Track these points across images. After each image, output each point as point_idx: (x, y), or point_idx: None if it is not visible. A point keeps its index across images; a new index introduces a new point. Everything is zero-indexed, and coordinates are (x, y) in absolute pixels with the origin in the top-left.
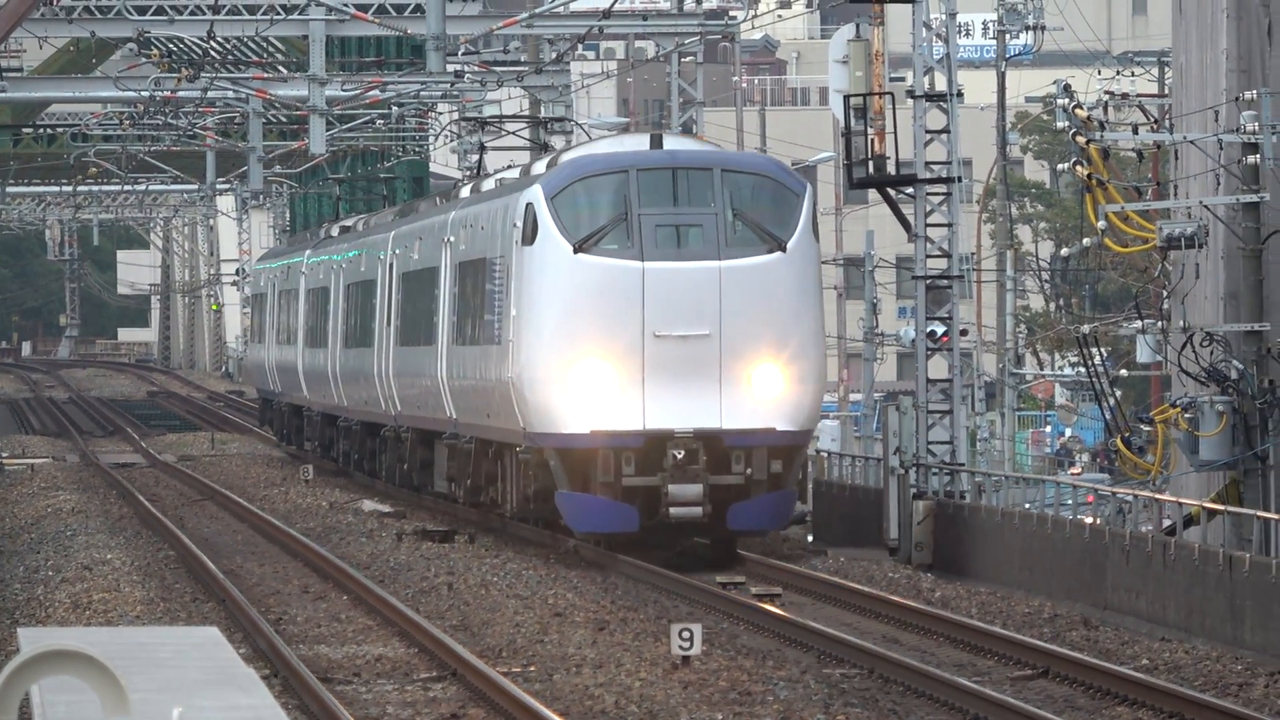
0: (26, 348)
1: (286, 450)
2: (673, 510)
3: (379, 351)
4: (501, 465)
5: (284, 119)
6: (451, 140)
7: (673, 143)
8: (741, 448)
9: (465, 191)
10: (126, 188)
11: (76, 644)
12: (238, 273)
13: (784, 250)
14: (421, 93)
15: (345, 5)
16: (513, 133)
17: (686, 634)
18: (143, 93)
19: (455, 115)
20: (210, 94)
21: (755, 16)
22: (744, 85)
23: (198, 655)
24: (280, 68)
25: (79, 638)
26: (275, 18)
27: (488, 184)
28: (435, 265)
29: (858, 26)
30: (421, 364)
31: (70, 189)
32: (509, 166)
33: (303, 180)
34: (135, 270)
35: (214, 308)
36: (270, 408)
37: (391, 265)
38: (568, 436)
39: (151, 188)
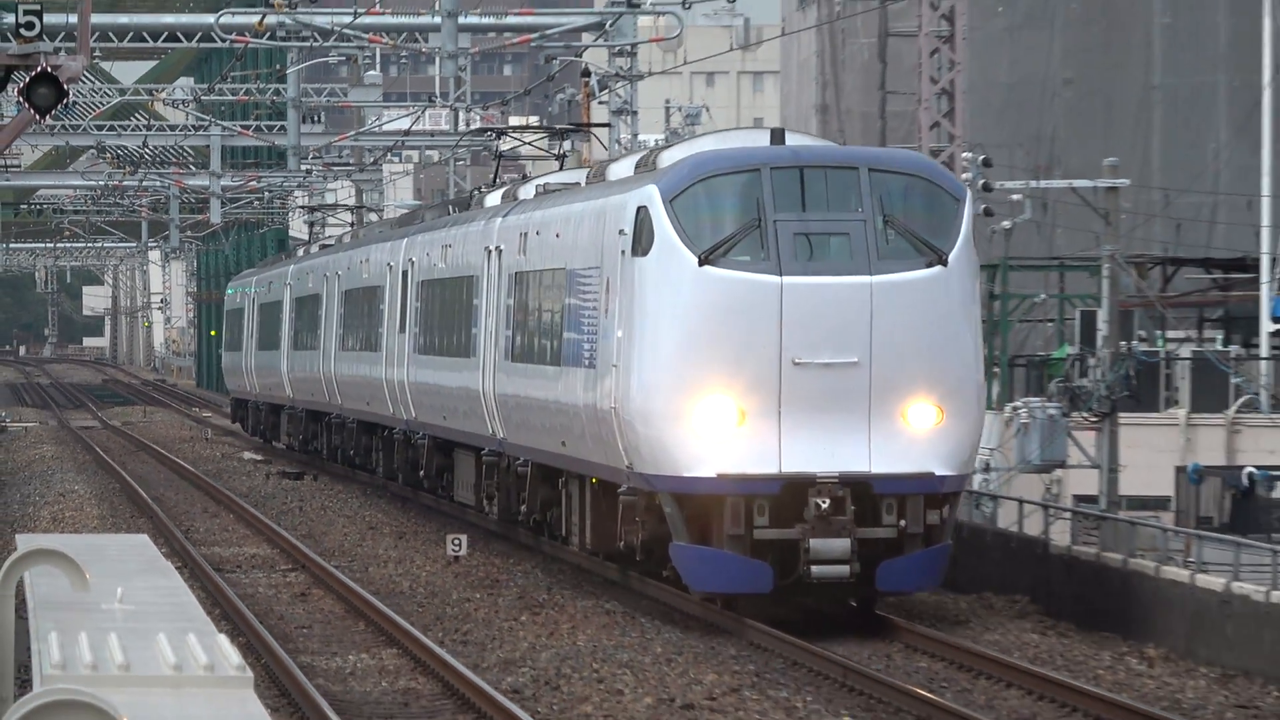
0: (22, 350)
1: (249, 439)
2: (814, 569)
3: (388, 357)
4: (567, 494)
5: (193, 200)
6: (303, 215)
7: (796, 139)
8: (894, 495)
9: (494, 199)
10: (89, 244)
11: (53, 544)
12: (161, 302)
13: (944, 264)
14: (283, 183)
15: (234, 126)
16: (529, 143)
17: (457, 541)
18: (100, 182)
19: (305, 200)
20: (145, 183)
21: (503, 135)
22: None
23: (133, 553)
24: (191, 165)
25: (56, 541)
26: (188, 133)
27: (545, 187)
28: (471, 274)
29: (572, 142)
30: (450, 376)
31: (51, 245)
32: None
33: (205, 241)
34: (94, 299)
35: (145, 325)
36: (243, 407)
37: (405, 273)
38: (689, 480)
39: (105, 245)
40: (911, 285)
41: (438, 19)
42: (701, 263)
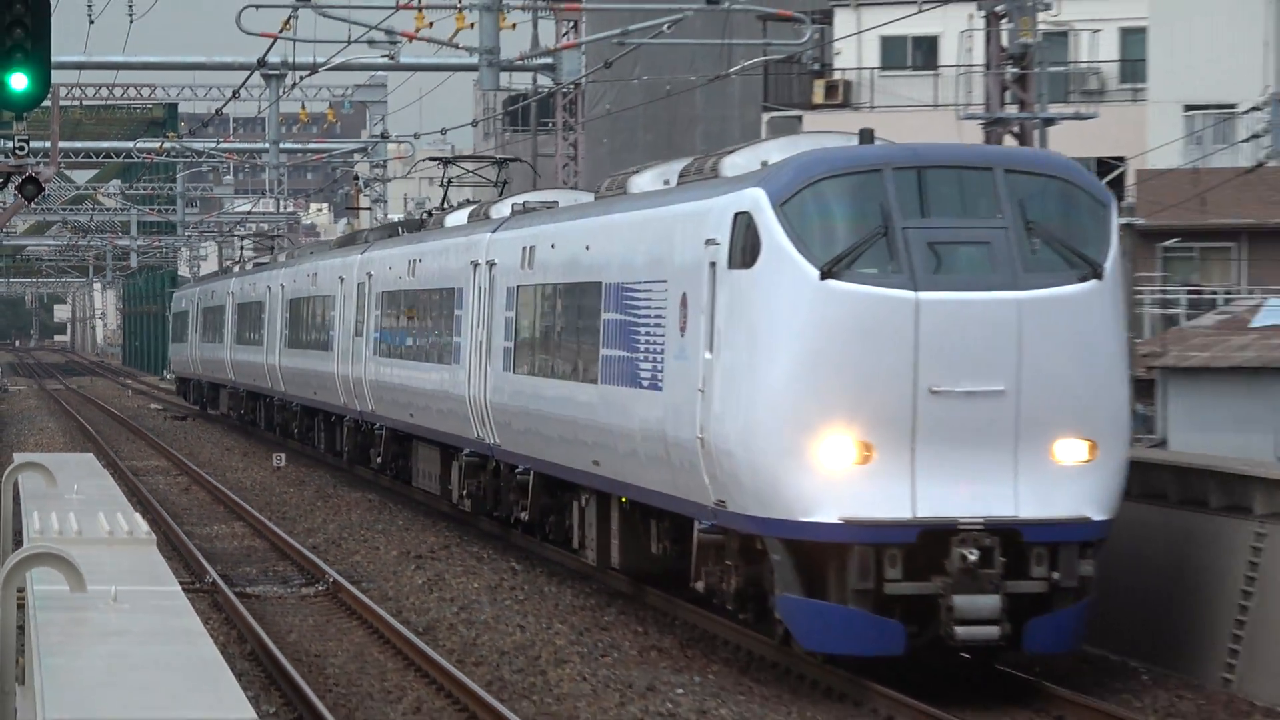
0: (16, 343)
1: (157, 396)
2: (959, 630)
3: (341, 356)
4: (581, 507)
5: (120, 252)
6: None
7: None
8: (1044, 544)
9: (458, 218)
10: (57, 279)
11: (35, 459)
12: (101, 314)
13: (1099, 277)
14: (174, 243)
15: (144, 209)
16: (472, 171)
17: (279, 458)
18: (64, 242)
19: (187, 254)
20: (90, 243)
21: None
22: None
23: (84, 465)
24: (119, 232)
25: (37, 456)
26: (117, 213)
27: (524, 205)
28: (452, 286)
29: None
30: (419, 378)
31: (34, 280)
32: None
33: (128, 277)
34: (61, 311)
35: (91, 328)
36: (185, 383)
37: (361, 284)
38: (806, 525)
39: (67, 279)
40: (1064, 301)
41: (268, 144)
42: (824, 276)
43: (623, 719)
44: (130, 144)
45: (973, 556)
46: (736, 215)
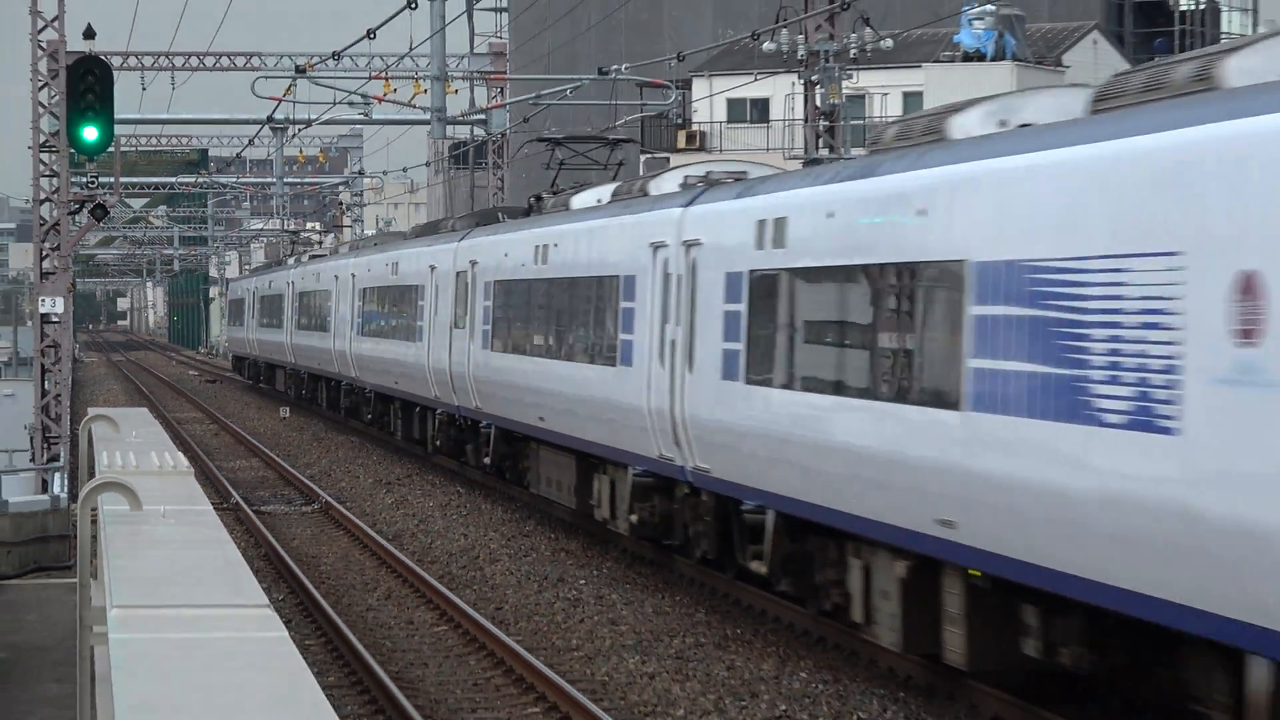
0: (90, 327)
1: (197, 366)
2: None
3: (434, 349)
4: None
5: (165, 259)
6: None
7: None
8: None
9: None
10: (120, 280)
11: (105, 412)
12: (152, 305)
13: None
14: (205, 252)
15: (184, 228)
16: (583, 154)
17: (284, 410)
18: (123, 252)
19: (218, 260)
20: (143, 253)
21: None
22: None
23: (139, 416)
24: (165, 245)
25: (106, 410)
26: (164, 230)
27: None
28: (615, 274)
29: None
30: (577, 383)
31: (103, 280)
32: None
33: (171, 279)
34: (122, 303)
35: (145, 316)
36: (241, 361)
37: (460, 273)
38: None
39: (126, 280)
40: None
41: (274, 179)
42: None
43: (540, 602)
44: (173, 179)
45: None
46: None
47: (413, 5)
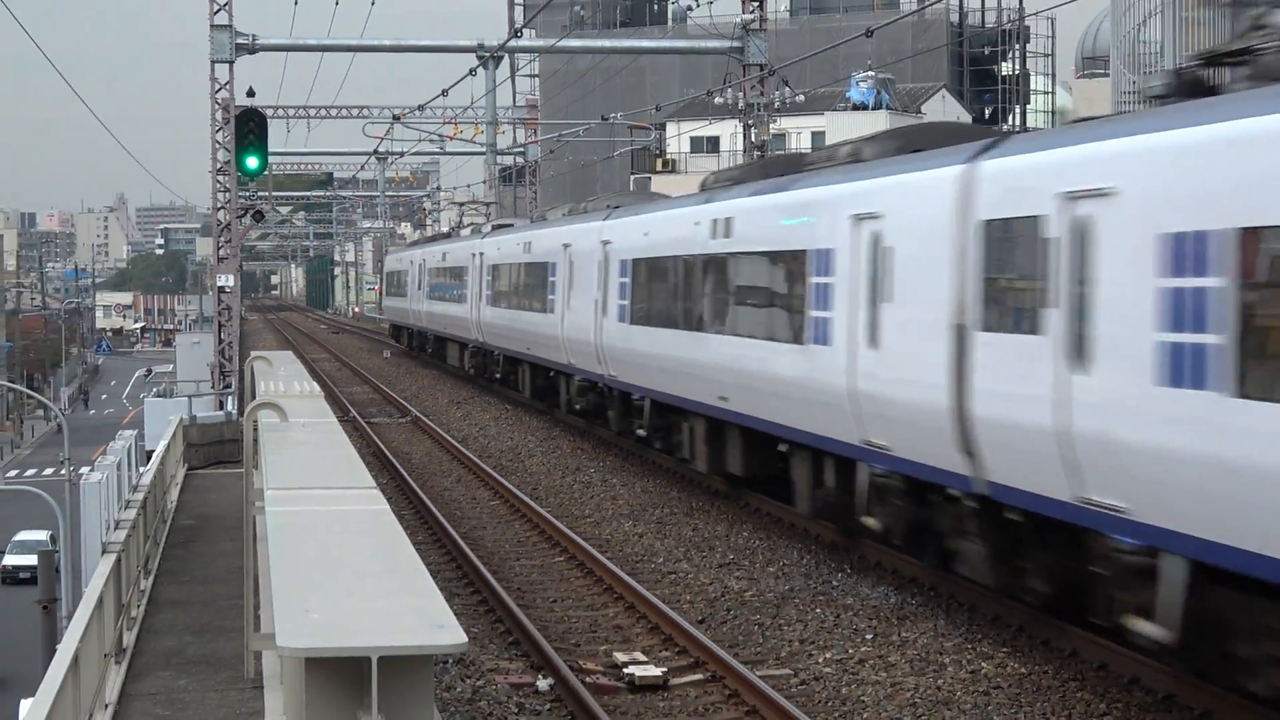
0: (251, 296)
1: (334, 324)
2: None
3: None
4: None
5: (304, 249)
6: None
7: None
8: None
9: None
10: (272, 262)
11: (262, 354)
12: (294, 281)
13: None
14: (329, 243)
15: (316, 226)
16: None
17: (387, 351)
18: (274, 244)
19: (340, 248)
20: (289, 245)
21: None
22: None
23: (286, 357)
24: (305, 238)
25: (263, 353)
26: (305, 227)
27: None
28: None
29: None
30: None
31: (260, 262)
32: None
33: (309, 261)
34: (274, 279)
35: (291, 287)
36: (399, 330)
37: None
38: None
39: (275, 262)
40: None
41: (379, 194)
42: None
43: (563, 484)
44: (308, 193)
45: None
46: None
47: (473, 73)
